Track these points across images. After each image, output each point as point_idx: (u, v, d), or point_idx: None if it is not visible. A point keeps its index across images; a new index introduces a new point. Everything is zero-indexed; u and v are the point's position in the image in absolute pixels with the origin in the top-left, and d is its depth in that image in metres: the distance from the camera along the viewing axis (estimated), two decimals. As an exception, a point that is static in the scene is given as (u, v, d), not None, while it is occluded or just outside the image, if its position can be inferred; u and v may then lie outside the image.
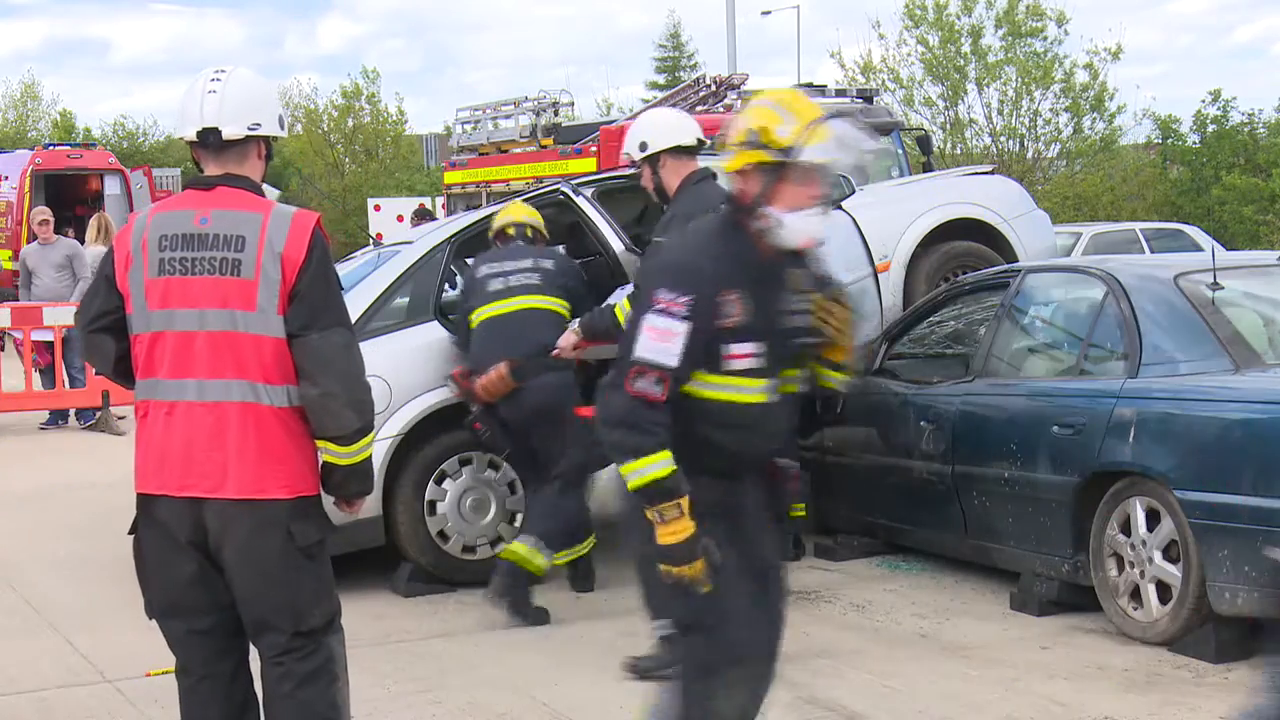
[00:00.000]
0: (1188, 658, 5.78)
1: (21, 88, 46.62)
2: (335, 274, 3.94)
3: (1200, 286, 6.36)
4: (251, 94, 3.96)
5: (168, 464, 3.83)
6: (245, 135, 3.91)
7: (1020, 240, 8.69)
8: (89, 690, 5.82)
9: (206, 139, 3.90)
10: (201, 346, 3.81)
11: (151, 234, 3.88)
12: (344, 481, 3.98)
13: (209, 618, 3.91)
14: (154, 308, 3.85)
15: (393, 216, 24.60)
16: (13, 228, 23.02)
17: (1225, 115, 31.22)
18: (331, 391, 3.82)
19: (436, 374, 7.26)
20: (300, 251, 3.81)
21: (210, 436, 3.80)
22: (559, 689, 5.66)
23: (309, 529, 3.87)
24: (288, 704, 3.88)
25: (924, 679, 5.67)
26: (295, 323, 3.81)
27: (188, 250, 3.83)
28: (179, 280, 3.83)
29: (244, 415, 3.80)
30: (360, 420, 3.88)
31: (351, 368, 3.88)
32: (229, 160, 3.93)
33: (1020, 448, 6.62)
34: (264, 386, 3.81)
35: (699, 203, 5.91)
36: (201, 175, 3.97)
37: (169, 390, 3.84)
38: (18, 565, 8.14)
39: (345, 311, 3.94)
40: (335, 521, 4.06)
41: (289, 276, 3.80)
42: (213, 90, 3.91)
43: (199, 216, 3.85)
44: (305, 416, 3.86)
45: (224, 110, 3.89)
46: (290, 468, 3.84)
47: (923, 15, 31.89)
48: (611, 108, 38.05)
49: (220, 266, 3.80)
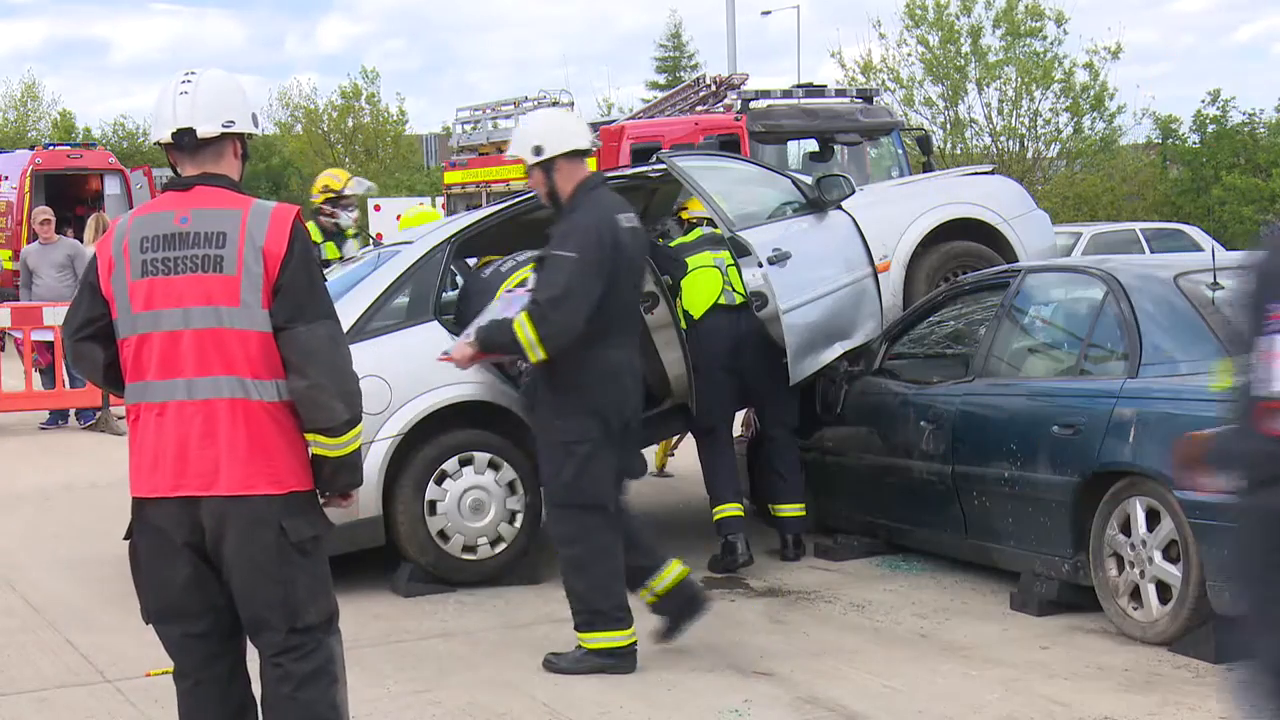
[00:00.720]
0: (1188, 658, 5.78)
1: (21, 88, 46.76)
2: (318, 266, 3.95)
3: (1200, 286, 6.36)
4: (223, 93, 3.98)
5: (161, 465, 3.83)
6: (220, 133, 3.93)
7: (1020, 240, 8.69)
8: (89, 690, 5.82)
9: (181, 139, 3.92)
10: (188, 345, 3.81)
11: (132, 237, 3.88)
12: (334, 474, 3.97)
13: (204, 621, 3.91)
14: (138, 309, 3.85)
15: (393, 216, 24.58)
16: (13, 228, 23.02)
17: (1225, 115, 31.24)
18: (319, 383, 3.82)
19: (436, 374, 7.25)
20: (281, 245, 3.82)
21: (202, 435, 3.80)
22: (559, 689, 5.66)
23: (301, 525, 3.87)
24: (288, 705, 3.88)
25: (924, 679, 5.67)
26: (280, 316, 3.82)
27: (169, 250, 3.84)
28: (162, 280, 3.83)
29: (233, 411, 3.80)
30: (349, 411, 3.88)
31: (338, 359, 3.88)
32: (205, 160, 3.95)
33: (1020, 448, 6.62)
34: (252, 382, 3.81)
35: (597, 210, 5.83)
36: (178, 177, 3.99)
37: (159, 392, 3.84)
38: (18, 565, 8.14)
39: (330, 303, 3.94)
40: (334, 520, 4.06)
41: (271, 270, 3.81)
42: (184, 91, 3.93)
43: (179, 216, 3.87)
44: (295, 410, 3.87)
45: (196, 110, 3.92)
46: (281, 463, 3.84)
47: (923, 15, 31.92)
48: (612, 108, 38.04)
49: (202, 264, 3.81)
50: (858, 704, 5.39)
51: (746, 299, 7.71)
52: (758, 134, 15.56)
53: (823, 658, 6.00)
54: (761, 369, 7.72)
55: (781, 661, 5.96)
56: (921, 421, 7.25)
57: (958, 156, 30.94)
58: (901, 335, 7.92)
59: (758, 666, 5.89)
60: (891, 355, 7.89)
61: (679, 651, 6.11)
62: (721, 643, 6.25)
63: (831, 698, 5.48)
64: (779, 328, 7.53)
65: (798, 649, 6.15)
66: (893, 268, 8.26)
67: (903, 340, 7.92)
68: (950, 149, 31.47)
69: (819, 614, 6.73)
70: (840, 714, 5.31)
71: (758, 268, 7.60)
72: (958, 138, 32.12)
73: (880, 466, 7.67)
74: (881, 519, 7.76)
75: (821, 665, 5.88)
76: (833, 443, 8.06)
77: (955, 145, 31.91)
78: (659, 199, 8.96)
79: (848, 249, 7.96)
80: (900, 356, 7.89)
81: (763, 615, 6.73)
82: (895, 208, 8.56)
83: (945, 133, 31.83)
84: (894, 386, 7.63)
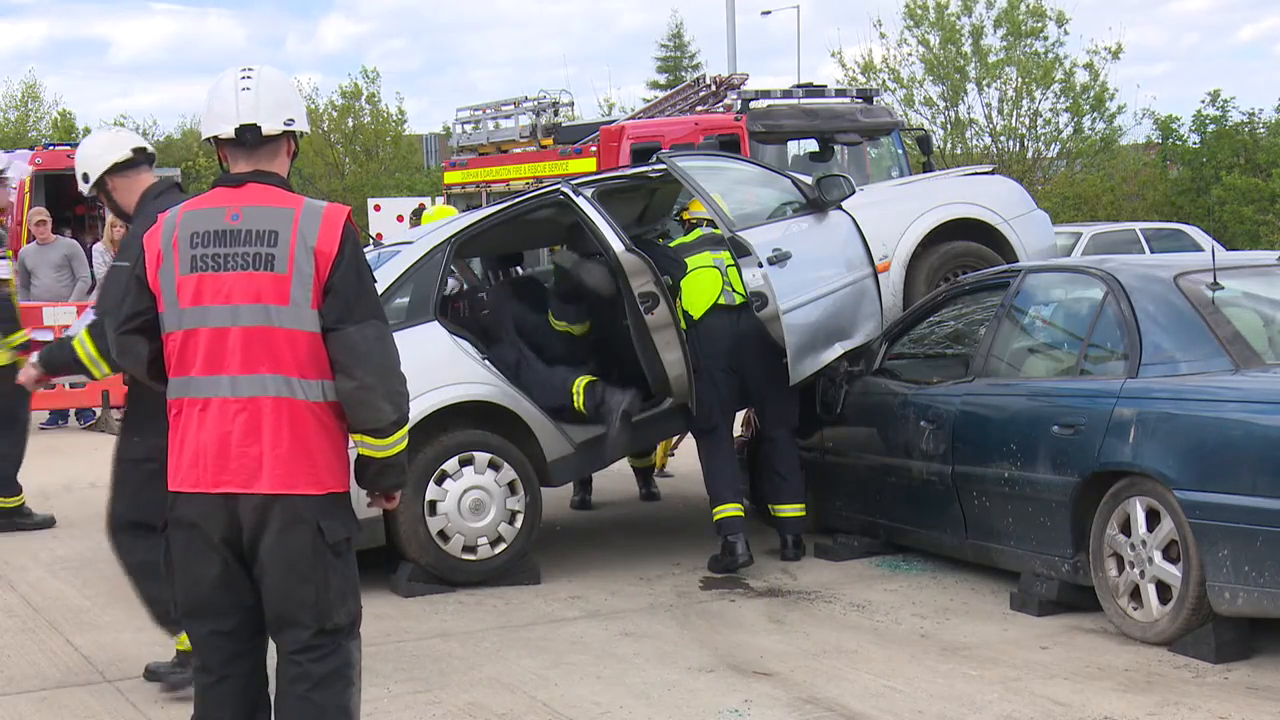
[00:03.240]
0: (1188, 658, 5.78)
1: (22, 88, 46.68)
2: (368, 267, 3.94)
3: (1200, 286, 6.36)
4: (283, 90, 4.00)
5: (202, 460, 3.83)
6: (281, 131, 3.95)
7: (1020, 240, 8.69)
8: (89, 690, 5.82)
9: (244, 136, 3.91)
10: (235, 342, 3.81)
11: (182, 231, 3.88)
12: (380, 475, 3.99)
13: (232, 619, 3.91)
14: (186, 305, 3.85)
15: (393, 216, 24.58)
16: (13, 228, 23.01)
17: (1225, 115, 31.23)
18: (367, 384, 3.83)
19: (437, 374, 7.26)
20: (333, 245, 3.82)
21: (245, 432, 3.80)
22: (559, 689, 5.66)
23: (337, 526, 3.88)
24: (300, 705, 3.88)
25: (924, 679, 5.67)
26: (330, 316, 3.82)
27: (220, 246, 3.84)
28: (211, 276, 3.83)
29: (278, 410, 3.80)
30: (396, 412, 3.89)
31: (387, 360, 3.88)
32: (262, 157, 3.95)
33: (1020, 448, 6.62)
34: (299, 381, 3.81)
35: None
36: (229, 173, 3.97)
37: (203, 387, 3.84)
38: (18, 565, 8.14)
39: (379, 304, 3.95)
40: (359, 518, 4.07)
41: (322, 270, 3.81)
42: (246, 88, 3.92)
43: (230, 213, 3.86)
44: (339, 411, 3.87)
45: (261, 106, 3.92)
46: (322, 463, 3.85)
47: (923, 15, 31.93)
48: (612, 108, 38.04)
49: (253, 261, 3.81)
50: (858, 704, 5.39)
51: (746, 299, 7.71)
52: (758, 134, 15.55)
53: (823, 658, 6.00)
54: (761, 369, 7.73)
55: (781, 661, 5.96)
56: (921, 421, 7.25)
57: (958, 156, 30.94)
58: (901, 335, 7.92)
59: (758, 666, 5.89)
60: (891, 355, 7.89)
61: (679, 651, 6.12)
62: (721, 643, 6.26)
63: (831, 698, 5.48)
64: (779, 328, 7.53)
65: (798, 649, 6.15)
66: (893, 268, 8.26)
67: (903, 340, 7.92)
68: (950, 149, 31.48)
69: (819, 614, 6.73)
70: (840, 714, 5.31)
71: (758, 268, 7.60)
72: (958, 138, 32.13)
73: (880, 466, 7.67)
74: (881, 519, 7.76)
75: (821, 665, 5.89)
76: (833, 443, 8.06)
77: (955, 145, 31.91)
78: (659, 199, 8.97)
79: (848, 249, 7.97)
80: (900, 356, 7.89)
81: (763, 615, 6.73)
82: (895, 208, 8.56)
83: (945, 133, 31.84)
84: (894, 386, 7.63)
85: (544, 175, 16.30)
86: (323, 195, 34.36)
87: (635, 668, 5.91)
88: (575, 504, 9.57)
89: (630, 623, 6.63)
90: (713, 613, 6.78)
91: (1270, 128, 31.43)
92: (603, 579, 7.46)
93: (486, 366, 7.50)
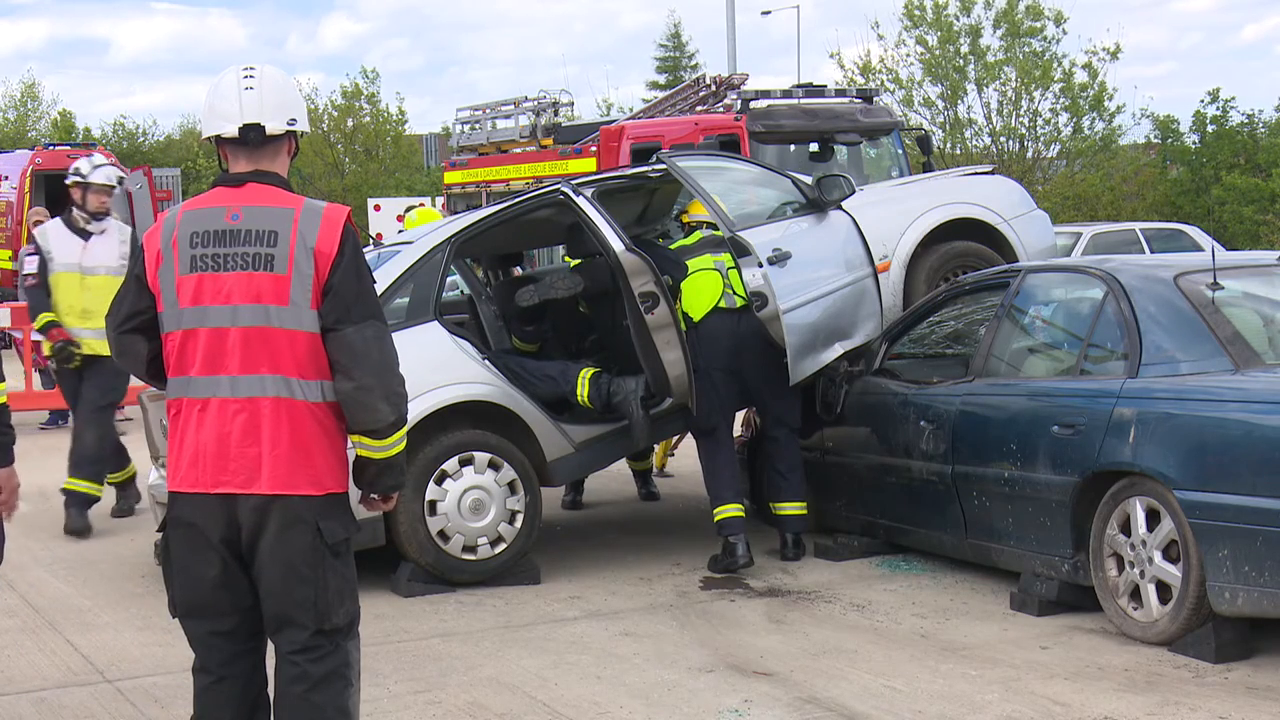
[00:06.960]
0: (1188, 658, 5.78)
1: (21, 88, 46.66)
2: (367, 267, 3.94)
3: (1200, 286, 6.36)
4: (287, 90, 4.01)
5: (201, 460, 3.83)
6: (284, 130, 3.95)
7: (1020, 240, 8.69)
8: (89, 690, 5.82)
9: (248, 135, 3.91)
10: (234, 342, 3.81)
11: (182, 231, 3.88)
12: (379, 476, 3.99)
13: (231, 619, 3.92)
14: (185, 304, 3.85)
15: (393, 216, 24.62)
16: (13, 228, 23.04)
17: (1225, 115, 31.24)
18: (366, 385, 3.83)
19: (437, 374, 7.26)
20: (332, 246, 3.82)
21: (244, 432, 3.80)
22: (559, 689, 5.66)
23: (336, 527, 3.88)
24: (299, 705, 3.88)
25: (924, 679, 5.67)
26: (329, 317, 3.82)
27: (220, 246, 3.84)
28: (211, 276, 3.83)
29: (277, 410, 3.80)
30: (395, 413, 3.90)
31: (386, 360, 3.88)
32: (263, 157, 3.95)
33: (1020, 448, 6.62)
34: (298, 381, 3.82)
35: None
36: (229, 172, 3.97)
37: (202, 388, 3.85)
38: (18, 565, 8.13)
39: (378, 304, 3.95)
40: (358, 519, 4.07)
41: (322, 270, 3.81)
42: (250, 87, 3.92)
43: (230, 213, 3.86)
44: (338, 412, 3.87)
45: (265, 106, 3.92)
46: (322, 464, 3.85)
47: (922, 15, 31.94)
48: (612, 108, 38.06)
49: (253, 262, 3.81)
50: (858, 704, 5.39)
51: (747, 302, 7.71)
52: (758, 134, 15.55)
53: (823, 658, 6.00)
54: (762, 370, 7.72)
55: (781, 661, 5.96)
56: (921, 421, 7.25)
57: (958, 156, 30.95)
58: (901, 335, 7.92)
59: (758, 666, 5.89)
60: (891, 355, 7.89)
61: (679, 651, 6.12)
62: (721, 643, 6.26)
63: (831, 698, 5.48)
64: (779, 327, 7.53)
65: (798, 649, 6.15)
66: (893, 268, 8.26)
67: (903, 340, 7.92)
68: (950, 149, 31.48)
69: (819, 614, 6.73)
70: (840, 714, 5.31)
71: (758, 268, 7.60)
72: (957, 138, 32.14)
73: (880, 466, 7.67)
74: (881, 519, 7.75)
75: (821, 665, 5.89)
76: (833, 443, 8.06)
77: (955, 145, 31.92)
78: (659, 199, 8.97)
79: (848, 249, 7.96)
80: (900, 356, 7.89)
81: (763, 615, 6.73)
82: (895, 208, 8.56)
83: (945, 133, 31.84)
84: (894, 386, 7.63)
85: (544, 175, 16.31)
86: (323, 195, 34.54)
87: (635, 668, 5.91)
88: (566, 504, 9.57)
89: (630, 623, 6.63)
90: (713, 613, 6.78)
91: (1270, 128, 31.45)
92: (603, 579, 7.46)
93: (486, 366, 7.50)
